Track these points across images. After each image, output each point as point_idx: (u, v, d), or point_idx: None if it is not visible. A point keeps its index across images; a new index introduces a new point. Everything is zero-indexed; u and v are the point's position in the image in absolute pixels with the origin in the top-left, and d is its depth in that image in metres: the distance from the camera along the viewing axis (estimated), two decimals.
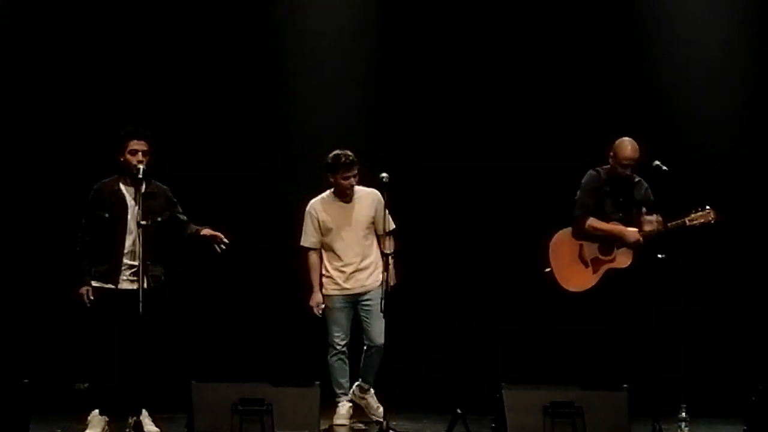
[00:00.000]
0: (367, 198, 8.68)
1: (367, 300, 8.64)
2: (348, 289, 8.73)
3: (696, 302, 9.75)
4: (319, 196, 8.81)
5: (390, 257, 8.40)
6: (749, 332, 9.81)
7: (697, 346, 9.67)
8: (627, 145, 8.49)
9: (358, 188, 8.66)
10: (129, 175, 8.10)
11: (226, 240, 8.27)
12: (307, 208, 8.81)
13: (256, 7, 10.30)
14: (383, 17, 10.34)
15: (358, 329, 8.77)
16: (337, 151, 8.63)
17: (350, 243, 8.69)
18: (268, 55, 10.30)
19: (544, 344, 9.87)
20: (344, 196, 8.68)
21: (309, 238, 8.80)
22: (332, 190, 8.75)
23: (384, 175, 8.46)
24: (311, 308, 8.76)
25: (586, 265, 8.58)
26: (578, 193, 8.66)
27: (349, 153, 8.61)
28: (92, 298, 8.04)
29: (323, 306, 8.74)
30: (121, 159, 8.10)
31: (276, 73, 10.31)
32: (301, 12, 10.37)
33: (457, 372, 9.81)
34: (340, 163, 8.60)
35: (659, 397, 8.35)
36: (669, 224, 8.35)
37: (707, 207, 8.34)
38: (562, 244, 8.63)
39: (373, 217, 8.71)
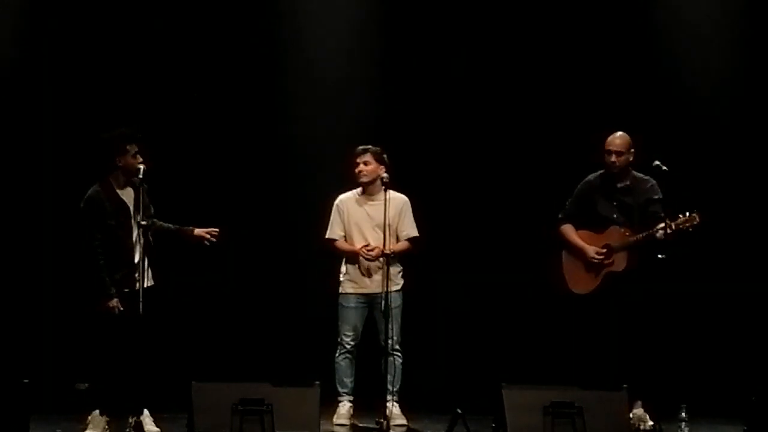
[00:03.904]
0: (394, 201, 8.67)
1: (383, 302, 8.55)
2: (365, 288, 8.74)
3: (696, 302, 9.74)
4: (349, 192, 8.87)
5: (390, 257, 8.39)
6: (749, 332, 9.80)
7: (697, 346, 9.67)
8: (612, 135, 8.54)
9: (390, 192, 8.59)
10: (127, 177, 8.11)
11: (215, 231, 8.33)
12: (336, 201, 8.86)
13: (258, 4, 10.29)
14: (387, 14, 10.32)
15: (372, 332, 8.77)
16: None
17: (371, 242, 8.69)
18: (270, 51, 10.28)
19: (544, 344, 9.87)
20: (358, 184, 8.75)
21: (335, 230, 8.83)
22: (361, 188, 8.80)
23: (384, 175, 8.59)
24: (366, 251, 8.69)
25: (589, 269, 8.60)
26: None
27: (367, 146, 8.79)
28: (122, 309, 8.01)
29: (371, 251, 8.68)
30: (120, 162, 8.11)
31: (278, 71, 10.29)
32: (304, 8, 10.37)
33: (457, 372, 9.81)
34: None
35: (659, 397, 8.38)
36: (638, 236, 8.37)
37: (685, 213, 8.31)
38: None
39: (397, 221, 8.72)
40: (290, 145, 10.25)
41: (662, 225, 8.23)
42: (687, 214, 8.24)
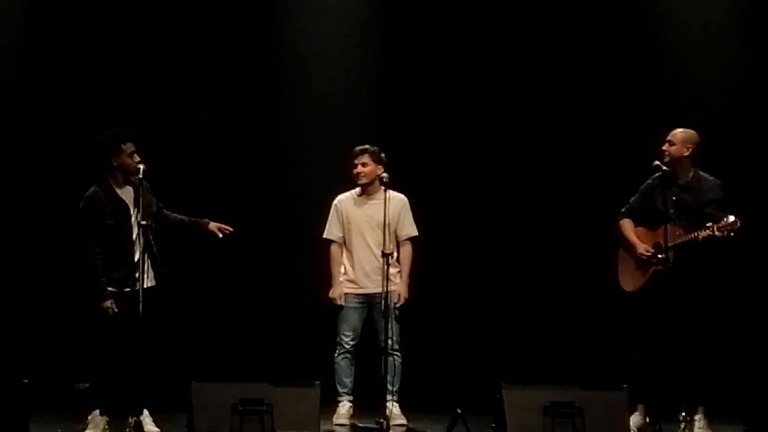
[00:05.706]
0: (393, 201, 8.66)
1: (382, 302, 8.54)
2: (364, 288, 8.75)
3: (696, 302, 9.73)
4: (348, 192, 8.88)
5: (389, 257, 8.39)
6: (749, 332, 9.79)
7: (697, 346, 9.65)
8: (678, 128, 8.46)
9: (389, 192, 8.57)
10: (125, 176, 8.11)
11: (229, 229, 8.40)
12: (334, 202, 8.89)
13: (259, 7, 10.29)
14: (387, 14, 10.31)
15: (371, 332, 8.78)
16: None
17: (371, 242, 8.72)
18: (270, 51, 10.28)
19: (544, 344, 9.86)
20: (356, 185, 8.77)
21: (333, 230, 8.85)
22: (359, 189, 8.81)
23: (384, 175, 8.58)
24: (331, 300, 8.77)
25: (638, 266, 8.49)
26: None
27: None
28: (116, 310, 8.02)
29: (343, 299, 8.75)
30: (117, 162, 8.11)
31: (278, 71, 10.29)
32: (304, 8, 10.36)
33: (457, 372, 9.81)
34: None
35: (659, 397, 8.36)
36: (686, 237, 8.26)
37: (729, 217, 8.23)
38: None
39: (396, 221, 8.73)
40: (290, 145, 10.25)
41: (708, 225, 8.15)
42: (730, 218, 8.14)
